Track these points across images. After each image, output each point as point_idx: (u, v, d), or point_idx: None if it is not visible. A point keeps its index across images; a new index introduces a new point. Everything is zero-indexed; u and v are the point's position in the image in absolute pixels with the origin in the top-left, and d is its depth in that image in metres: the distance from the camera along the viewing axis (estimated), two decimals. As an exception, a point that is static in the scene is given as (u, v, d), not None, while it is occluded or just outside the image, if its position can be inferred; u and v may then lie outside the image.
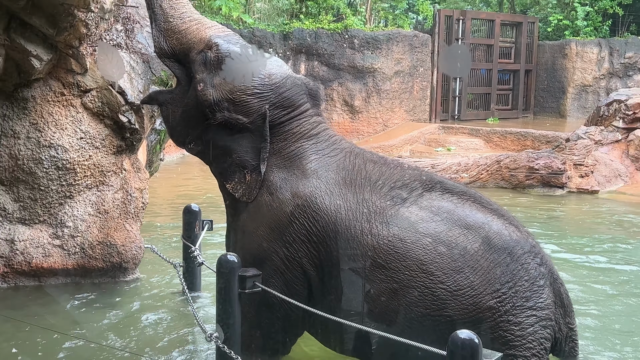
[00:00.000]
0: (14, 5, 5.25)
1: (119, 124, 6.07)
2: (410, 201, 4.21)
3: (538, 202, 10.67)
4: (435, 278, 4.01)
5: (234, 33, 4.83)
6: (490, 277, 4.05)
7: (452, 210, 4.19)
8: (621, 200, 11.01)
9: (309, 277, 4.26)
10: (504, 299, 4.02)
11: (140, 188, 6.34)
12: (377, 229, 4.11)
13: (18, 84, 5.80)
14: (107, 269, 6.08)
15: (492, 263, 4.06)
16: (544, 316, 4.15)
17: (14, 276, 5.96)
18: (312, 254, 4.22)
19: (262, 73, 4.50)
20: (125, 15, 6.35)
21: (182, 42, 4.70)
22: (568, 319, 4.36)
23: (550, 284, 4.26)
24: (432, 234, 4.07)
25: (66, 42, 5.66)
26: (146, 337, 5.09)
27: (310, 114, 4.59)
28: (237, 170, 4.51)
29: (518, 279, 4.10)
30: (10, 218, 5.95)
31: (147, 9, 4.91)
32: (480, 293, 3.99)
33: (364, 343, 4.24)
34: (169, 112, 4.88)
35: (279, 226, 4.30)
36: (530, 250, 4.21)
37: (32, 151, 5.86)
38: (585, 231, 9.02)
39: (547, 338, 4.14)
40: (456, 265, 4.02)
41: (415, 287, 4.03)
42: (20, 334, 5.04)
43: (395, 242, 4.06)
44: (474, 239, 4.09)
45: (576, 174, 11.44)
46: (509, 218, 4.34)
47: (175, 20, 4.72)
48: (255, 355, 4.38)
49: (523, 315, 4.07)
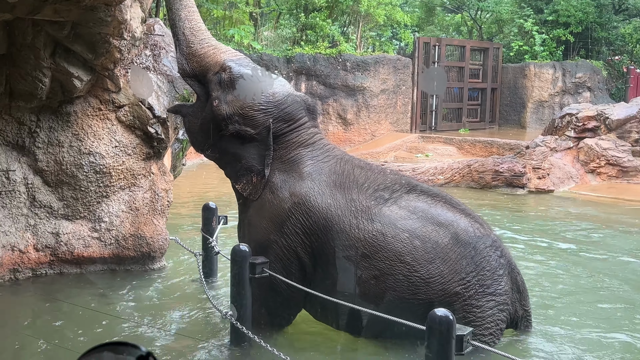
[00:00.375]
0: (59, 34, 5.26)
1: (148, 135, 6.07)
2: (391, 201, 4.27)
3: (502, 200, 10.68)
4: (411, 267, 4.07)
5: (245, 56, 4.88)
6: (458, 267, 4.11)
7: (426, 210, 4.25)
8: (573, 198, 11.03)
9: (303, 263, 4.34)
10: (469, 286, 4.09)
11: (165, 189, 6.35)
12: (362, 224, 4.16)
13: (62, 101, 5.81)
14: (137, 257, 6.08)
15: (459, 255, 4.13)
16: (501, 301, 4.22)
17: (58, 264, 5.96)
18: (306, 243, 4.30)
19: (267, 92, 4.56)
20: (153, 42, 6.36)
21: (201, 64, 4.76)
22: (523, 302, 4.45)
23: (509, 274, 4.33)
24: (409, 229, 4.13)
25: (103, 65, 5.67)
26: (171, 315, 5.10)
27: (308, 126, 4.65)
28: (245, 173, 4.58)
29: (481, 269, 4.17)
30: (56, 214, 5.95)
31: (173, 36, 5.00)
32: (448, 280, 4.07)
33: (352, 320, 4.30)
34: (190, 122, 4.97)
35: (279, 220, 4.36)
36: (492, 245, 4.29)
37: (74, 158, 5.86)
38: (542, 223, 9.04)
39: (503, 320, 4.22)
40: (429, 257, 4.09)
41: (394, 274, 4.09)
42: (63, 312, 5.05)
43: (378, 235, 4.12)
44: (444, 234, 4.16)
45: (535, 176, 11.45)
46: (474, 217, 4.41)
47: (196, 46, 4.79)
48: (264, 329, 4.41)
49: (484, 300, 4.14)
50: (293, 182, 4.42)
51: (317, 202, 4.28)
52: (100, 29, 5.29)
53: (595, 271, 6.66)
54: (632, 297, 5.78)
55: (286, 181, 4.45)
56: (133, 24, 5.60)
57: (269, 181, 4.50)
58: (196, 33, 4.82)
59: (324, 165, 4.48)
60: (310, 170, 4.44)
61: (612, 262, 7.00)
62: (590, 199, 10.88)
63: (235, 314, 4.31)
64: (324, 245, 4.24)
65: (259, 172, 4.52)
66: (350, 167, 4.47)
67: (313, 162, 4.48)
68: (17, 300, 5.38)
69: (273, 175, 4.50)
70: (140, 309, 5.20)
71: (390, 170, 4.63)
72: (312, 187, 4.35)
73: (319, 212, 4.25)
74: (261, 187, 4.52)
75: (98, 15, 5.14)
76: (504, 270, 4.28)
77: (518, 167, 11.49)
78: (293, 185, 4.40)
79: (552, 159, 11.92)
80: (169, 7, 4.97)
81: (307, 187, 4.36)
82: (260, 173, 4.51)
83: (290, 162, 4.50)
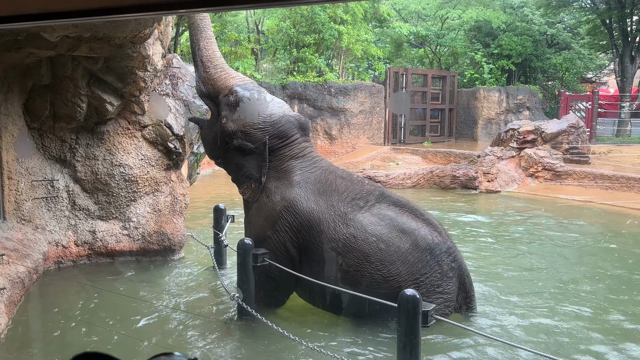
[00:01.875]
0: (94, 67, 5.24)
1: (168, 149, 6.05)
2: (364, 209, 4.24)
3: (459, 199, 10.71)
4: (375, 266, 4.05)
5: (252, 81, 4.83)
6: (414, 269, 4.08)
7: (393, 218, 4.20)
8: (516, 196, 11.09)
9: (292, 255, 4.33)
10: (421, 285, 4.07)
11: (183, 193, 6.32)
12: (339, 227, 4.14)
13: (97, 122, 5.78)
14: (160, 250, 6.04)
15: (416, 259, 4.10)
16: (448, 299, 4.21)
17: (95, 257, 5.91)
18: (293, 239, 4.28)
19: (265, 113, 4.53)
20: (171, 73, 6.34)
21: (214, 86, 4.74)
22: (468, 301, 4.43)
23: (458, 276, 4.31)
24: (376, 234, 4.09)
25: (130, 93, 5.64)
26: (188, 298, 5.07)
27: (299, 141, 4.61)
28: (246, 180, 4.58)
29: (433, 272, 4.15)
30: (92, 216, 5.91)
31: (193, 61, 4.92)
32: (404, 280, 4.03)
33: (333, 302, 4.28)
34: (205, 134, 4.96)
35: (272, 219, 4.35)
36: (447, 251, 4.25)
37: (107, 169, 5.82)
38: (491, 217, 9.07)
39: (447, 314, 4.21)
40: (391, 259, 4.05)
41: (360, 271, 4.07)
42: (98, 296, 5.00)
43: (350, 238, 4.10)
44: (406, 240, 4.12)
45: (485, 180, 11.49)
46: (435, 225, 4.33)
47: (211, 71, 4.75)
48: (262, 307, 4.38)
49: (433, 297, 4.11)
50: (284, 188, 4.39)
51: (302, 206, 4.26)
52: (127, 62, 5.27)
53: (531, 254, 6.70)
54: (562, 276, 5.81)
55: (279, 187, 4.42)
56: (155, 59, 5.58)
57: (265, 187, 4.48)
58: (212, 60, 4.77)
59: (311, 175, 4.44)
60: (298, 179, 4.41)
61: (546, 247, 7.04)
62: (530, 197, 10.94)
63: (241, 296, 4.30)
64: (307, 242, 4.23)
65: (257, 179, 4.51)
66: (333, 177, 4.44)
67: (302, 172, 4.45)
68: (61, 286, 5.33)
69: (269, 182, 4.48)
70: (163, 292, 5.16)
71: (368, 182, 4.56)
72: (299, 193, 4.32)
73: (304, 214, 4.23)
74: (258, 192, 4.51)
75: (126, 52, 5.12)
76: (453, 273, 4.25)
77: (471, 172, 11.54)
78: (284, 191, 4.38)
79: (499, 166, 11.97)
80: (190, 37, 4.92)
81: (295, 193, 4.33)
82: (258, 180, 4.50)
83: (282, 172, 4.48)
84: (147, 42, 5.29)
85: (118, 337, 4.15)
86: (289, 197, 4.32)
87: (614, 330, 4.39)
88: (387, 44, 22.25)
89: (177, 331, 4.31)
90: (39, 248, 5.26)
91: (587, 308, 4.82)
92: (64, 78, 5.29)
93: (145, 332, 4.28)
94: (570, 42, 21.56)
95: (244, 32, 16.82)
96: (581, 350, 4.00)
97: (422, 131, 18.71)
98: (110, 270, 5.74)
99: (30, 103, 5.41)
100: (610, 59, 22.88)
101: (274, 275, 4.36)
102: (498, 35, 20.43)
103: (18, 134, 5.24)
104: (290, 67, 16.82)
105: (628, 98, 19.10)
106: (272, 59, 18.01)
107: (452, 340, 4.08)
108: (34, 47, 4.45)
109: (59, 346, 4.08)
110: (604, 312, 4.75)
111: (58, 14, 1.16)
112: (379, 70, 19.71)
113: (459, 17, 20.58)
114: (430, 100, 18.63)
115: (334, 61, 18.33)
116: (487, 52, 20.52)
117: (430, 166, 13.01)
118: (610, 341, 4.16)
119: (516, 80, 20.95)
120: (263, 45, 17.68)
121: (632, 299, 5.11)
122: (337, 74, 17.64)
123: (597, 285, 5.54)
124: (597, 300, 5.05)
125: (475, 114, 19.49)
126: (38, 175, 5.59)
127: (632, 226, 8.44)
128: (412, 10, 22.19)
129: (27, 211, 5.42)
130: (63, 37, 4.28)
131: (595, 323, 4.51)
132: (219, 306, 4.86)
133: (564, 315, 4.64)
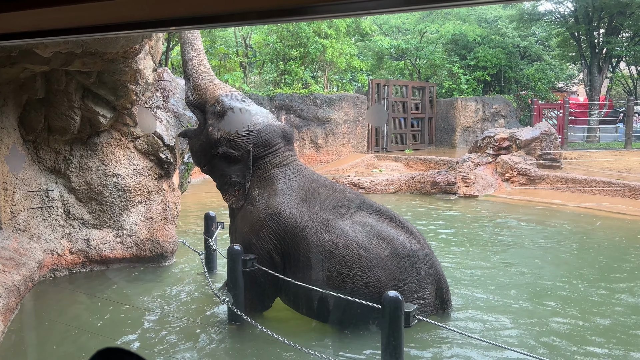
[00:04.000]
0: (87, 81, 5.20)
1: (159, 159, 6.01)
2: (346, 217, 4.18)
3: (439, 203, 10.76)
4: (355, 272, 4.00)
5: (238, 91, 4.79)
6: (393, 275, 4.05)
7: (373, 226, 4.15)
8: (492, 200, 11.16)
9: (275, 261, 4.26)
10: (400, 291, 4.03)
11: (175, 202, 6.27)
12: (321, 234, 4.08)
13: (90, 134, 5.72)
14: (153, 257, 5.99)
15: (395, 266, 4.06)
16: (425, 303, 4.20)
17: (89, 264, 5.84)
18: (277, 245, 4.22)
19: (249, 122, 4.48)
20: (162, 86, 6.31)
21: (202, 96, 4.68)
22: (445, 306, 4.43)
23: (435, 282, 4.29)
24: (357, 241, 4.04)
25: (122, 105, 5.60)
26: (180, 302, 5.02)
27: (283, 150, 4.54)
28: (230, 187, 4.52)
29: (411, 278, 4.12)
30: (87, 224, 5.84)
31: (184, 72, 4.87)
32: (384, 286, 3.98)
33: (316, 308, 4.23)
34: (192, 143, 4.88)
35: (256, 226, 4.29)
36: (424, 258, 4.22)
37: (100, 179, 5.77)
38: (469, 220, 9.12)
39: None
40: (371, 265, 4.00)
41: (341, 277, 4.00)
42: (91, 304, 4.94)
43: (332, 244, 4.03)
44: (385, 247, 4.07)
45: (463, 185, 11.56)
46: (414, 233, 4.30)
47: (199, 81, 4.70)
48: (249, 310, 4.33)
49: (411, 302, 4.08)
50: (268, 196, 4.33)
51: (286, 213, 4.19)
52: (119, 76, 5.24)
53: (505, 252, 6.74)
54: (535, 276, 5.85)
55: (263, 195, 4.36)
56: (146, 72, 5.55)
57: (249, 195, 4.41)
58: (201, 71, 4.73)
59: (294, 183, 4.38)
60: (282, 187, 4.35)
61: (520, 249, 7.09)
62: (506, 201, 11.02)
63: (231, 300, 4.26)
64: (290, 249, 4.16)
65: (240, 186, 4.45)
66: (316, 185, 4.37)
67: (285, 180, 4.39)
68: (56, 294, 5.25)
69: (253, 190, 4.42)
70: (155, 298, 5.10)
71: (349, 190, 4.52)
72: (282, 201, 4.26)
73: (287, 221, 4.17)
74: (242, 198, 4.45)
75: (118, 66, 5.09)
76: (431, 279, 4.24)
77: (450, 178, 11.60)
78: (268, 199, 4.32)
79: (476, 171, 12.06)
80: (181, 48, 4.87)
81: (279, 200, 4.26)
82: (242, 187, 4.44)
83: (266, 180, 4.42)
84: (139, 57, 5.27)
85: (111, 344, 4.09)
86: (273, 204, 4.26)
87: (585, 326, 4.43)
88: (369, 57, 22.37)
89: (169, 336, 4.26)
90: (35, 257, 5.19)
91: (561, 306, 4.86)
92: (58, 92, 5.24)
93: (138, 339, 4.23)
94: (542, 54, 21.86)
95: (232, 46, 16.79)
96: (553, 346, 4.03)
97: (403, 139, 18.80)
98: (104, 277, 5.67)
99: (25, 116, 5.35)
100: (579, 70, 23.23)
101: (259, 280, 4.32)
102: (474, 47, 20.64)
103: (10, 148, 5.17)
104: (277, 79, 16.83)
105: (596, 106, 19.39)
106: (259, 71, 18.00)
107: (434, 340, 4.08)
108: (28, 62, 4.41)
109: (53, 353, 4.01)
110: (577, 310, 4.79)
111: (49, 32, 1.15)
112: (361, 81, 19.80)
113: (437, 31, 20.78)
114: (411, 110, 18.74)
115: (319, 73, 18.38)
116: (463, 63, 20.72)
117: (411, 172, 13.06)
118: (581, 337, 4.20)
119: (491, 90, 21.17)
120: (251, 59, 17.67)
121: (606, 298, 5.16)
122: (322, 85, 17.68)
123: (571, 283, 5.58)
124: (571, 299, 5.09)
125: (453, 122, 19.63)
126: (33, 185, 5.51)
127: (601, 227, 8.54)
128: (392, 25, 22.36)
129: (23, 221, 5.34)
130: (56, 53, 4.25)
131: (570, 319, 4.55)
132: (210, 311, 4.82)
133: (539, 314, 4.67)
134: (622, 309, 4.82)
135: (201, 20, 1.11)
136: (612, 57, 20.00)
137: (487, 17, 21.73)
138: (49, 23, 1.13)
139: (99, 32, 1.15)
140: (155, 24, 1.11)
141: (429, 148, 19.20)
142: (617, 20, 18.60)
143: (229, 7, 1.00)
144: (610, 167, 12.91)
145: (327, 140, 16.35)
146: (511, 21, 21.19)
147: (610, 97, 22.00)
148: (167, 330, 4.35)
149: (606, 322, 4.51)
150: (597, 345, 4.06)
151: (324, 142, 16.31)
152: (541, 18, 20.89)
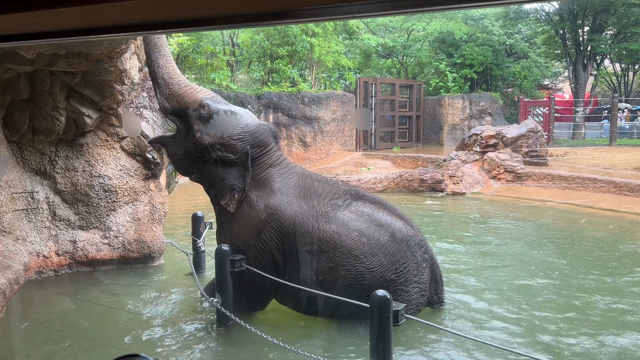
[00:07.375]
0: (72, 81, 5.15)
1: (146, 160, 5.97)
2: (343, 207, 4.24)
3: (427, 201, 10.82)
4: (358, 259, 4.05)
5: (217, 94, 4.69)
6: (393, 259, 4.12)
7: (370, 214, 4.23)
8: (480, 198, 11.25)
9: (277, 261, 4.24)
10: (401, 274, 4.11)
11: (162, 202, 6.24)
12: (322, 226, 4.12)
13: (76, 134, 5.67)
14: (140, 258, 5.95)
15: (395, 250, 4.14)
16: (423, 287, 4.26)
17: (76, 266, 5.79)
18: (279, 246, 4.21)
19: (242, 123, 4.42)
20: (148, 86, 6.26)
21: (180, 103, 4.53)
22: (439, 291, 4.50)
23: (430, 267, 4.37)
24: (357, 229, 4.11)
25: (108, 106, 5.56)
26: (168, 303, 4.99)
27: (275, 149, 4.55)
28: (229, 191, 4.41)
29: (410, 262, 4.19)
30: (73, 225, 5.79)
31: (152, 81, 4.71)
32: (386, 270, 4.06)
33: (314, 305, 4.26)
34: (172, 151, 4.72)
35: (257, 228, 4.26)
36: (419, 243, 4.31)
37: (86, 180, 5.72)
38: (457, 217, 9.19)
39: (422, 303, 4.28)
40: (372, 251, 4.07)
41: (345, 265, 4.06)
42: (78, 306, 4.90)
43: (334, 235, 4.08)
44: (384, 233, 4.15)
45: (451, 182, 11.64)
46: (407, 220, 4.40)
47: (174, 87, 4.55)
48: (242, 312, 4.33)
49: (410, 286, 4.16)
50: (266, 196, 4.31)
51: (287, 211, 4.20)
52: (105, 76, 5.20)
53: (492, 249, 6.80)
54: (522, 271, 5.92)
55: (260, 196, 4.33)
56: (132, 72, 5.51)
57: (246, 197, 4.36)
58: (173, 77, 4.57)
59: (289, 181, 4.39)
60: (279, 186, 4.34)
61: (507, 245, 7.16)
62: (493, 198, 11.12)
63: (220, 301, 4.24)
64: (293, 246, 4.16)
65: (240, 189, 4.38)
66: (310, 181, 4.40)
67: (281, 179, 4.39)
68: (42, 296, 5.20)
69: (249, 191, 4.36)
70: (143, 300, 5.07)
71: (342, 182, 4.61)
72: (282, 199, 4.26)
73: (289, 219, 4.18)
74: (240, 202, 4.43)
75: (103, 66, 5.05)
76: (426, 264, 4.31)
77: (438, 176, 11.67)
78: (266, 199, 4.29)
79: (464, 169, 12.14)
80: (147, 55, 4.65)
81: (278, 199, 4.26)
82: (241, 190, 4.38)
83: (263, 180, 4.39)
84: (124, 57, 5.23)
85: (99, 346, 4.06)
86: (273, 204, 4.24)
87: (572, 320, 4.49)
88: (357, 55, 22.40)
89: (157, 338, 4.24)
90: (20, 259, 5.13)
91: (545, 301, 4.92)
92: (43, 92, 5.19)
93: (126, 341, 4.20)
94: (528, 52, 22.06)
95: (219, 45, 16.71)
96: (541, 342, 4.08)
97: (391, 137, 18.86)
98: (91, 279, 5.62)
99: (9, 117, 5.29)
100: (565, 67, 23.49)
101: (255, 282, 4.31)
102: (460, 45, 20.76)
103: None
104: (264, 77, 16.79)
105: (582, 103, 19.61)
106: (247, 70, 17.95)
107: (422, 338, 4.11)
108: (11, 63, 4.35)
109: (39, 357, 3.98)
110: (564, 304, 4.86)
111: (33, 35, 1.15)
112: (349, 80, 19.83)
113: (424, 29, 20.86)
114: (399, 108, 18.81)
115: (306, 72, 18.37)
116: (450, 61, 20.83)
117: (399, 170, 13.12)
118: (566, 332, 4.25)
119: (478, 88, 21.32)
120: (238, 57, 17.61)
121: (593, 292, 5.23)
122: (310, 84, 17.68)
123: (558, 279, 5.65)
124: (559, 295, 5.16)
125: (440, 120, 19.74)
126: (18, 187, 5.45)
127: (587, 224, 8.65)
128: (379, 23, 22.41)
129: (8, 223, 5.28)
130: (40, 54, 4.21)
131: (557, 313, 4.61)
132: (198, 311, 4.81)
133: (526, 311, 4.73)
134: (610, 301, 4.89)
135: (187, 23, 1.11)
136: (596, 54, 20.23)
137: (474, 15, 21.86)
138: (33, 26, 1.12)
139: (84, 36, 1.14)
140: (140, 27, 1.11)
141: (416, 146, 19.28)
142: (602, 17, 18.82)
143: (215, 10, 1.00)
144: (595, 163, 13.08)
145: (316, 138, 16.36)
146: (497, 19, 21.36)
147: (595, 94, 22.29)
148: (154, 331, 4.33)
149: (598, 318, 4.57)
150: (585, 335, 4.11)
151: (312, 141, 16.31)
152: (527, 16, 21.07)
